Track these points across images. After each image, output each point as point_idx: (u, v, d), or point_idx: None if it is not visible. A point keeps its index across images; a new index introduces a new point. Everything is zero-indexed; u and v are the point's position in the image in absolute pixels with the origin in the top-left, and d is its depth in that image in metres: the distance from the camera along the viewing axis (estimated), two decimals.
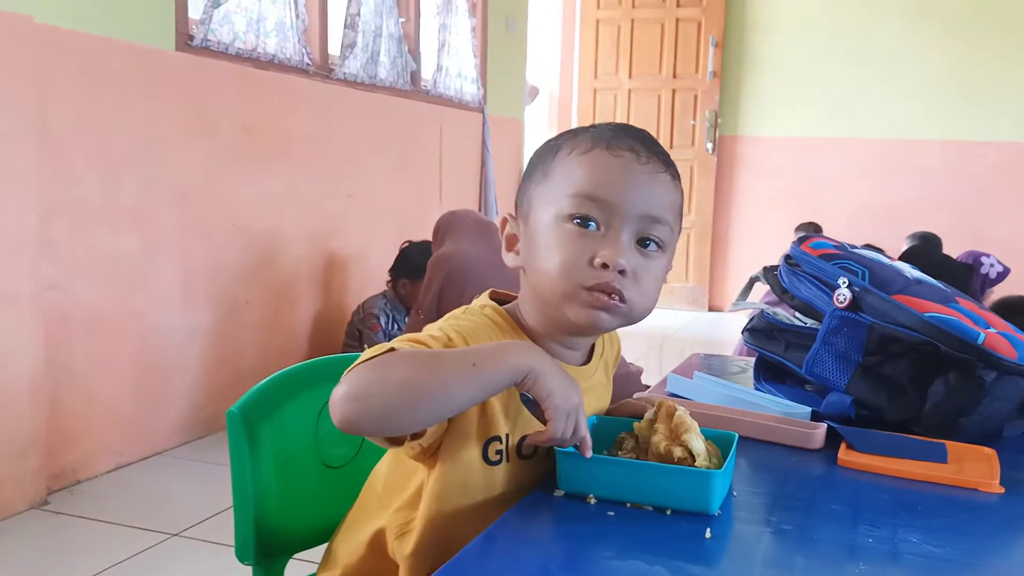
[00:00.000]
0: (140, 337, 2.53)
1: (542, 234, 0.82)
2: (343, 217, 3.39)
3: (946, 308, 1.02)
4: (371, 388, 0.71)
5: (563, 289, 0.79)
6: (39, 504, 2.18)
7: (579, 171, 0.80)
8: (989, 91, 5.06)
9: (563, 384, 0.75)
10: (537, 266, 0.82)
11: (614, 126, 0.85)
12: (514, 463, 0.83)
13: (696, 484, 0.74)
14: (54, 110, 2.20)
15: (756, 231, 5.57)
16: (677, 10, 5.56)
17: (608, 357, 0.97)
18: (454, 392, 0.72)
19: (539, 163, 0.86)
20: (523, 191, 0.87)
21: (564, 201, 0.80)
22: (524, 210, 0.86)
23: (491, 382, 0.74)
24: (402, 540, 0.84)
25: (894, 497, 0.82)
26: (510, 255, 0.87)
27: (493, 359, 0.74)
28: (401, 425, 0.74)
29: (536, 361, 0.75)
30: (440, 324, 0.83)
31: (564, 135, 0.86)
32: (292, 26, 3.08)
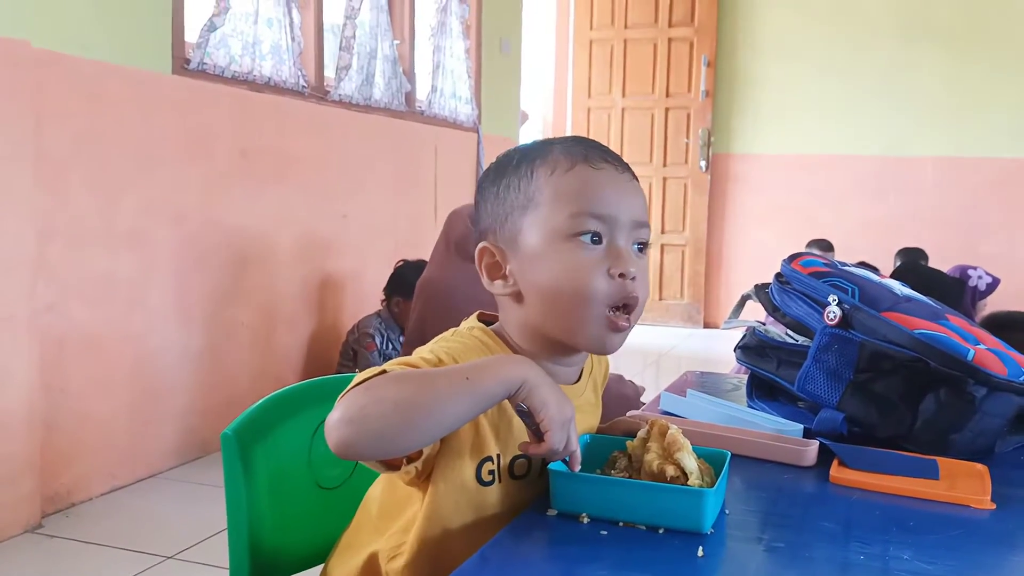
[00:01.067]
0: (135, 359, 2.52)
1: (546, 257, 0.82)
2: (338, 237, 3.40)
3: (935, 325, 1.03)
4: (366, 410, 0.71)
5: (583, 308, 0.81)
6: (33, 527, 2.17)
7: (571, 189, 0.82)
8: (981, 107, 5.11)
9: (557, 396, 0.76)
10: (546, 289, 0.82)
11: (572, 140, 0.87)
12: (506, 483, 0.84)
13: (689, 503, 0.74)
14: (51, 133, 2.22)
15: (750, 248, 5.59)
16: (669, 30, 5.62)
17: (597, 375, 0.98)
18: (449, 407, 0.73)
19: (510, 187, 0.86)
20: (498, 217, 0.86)
21: (565, 221, 0.81)
22: (508, 236, 0.85)
23: (485, 395, 0.74)
24: (394, 561, 0.84)
25: (886, 514, 0.83)
26: (497, 283, 0.86)
27: (487, 372, 0.75)
28: (399, 445, 0.74)
29: (530, 373, 0.76)
30: (430, 347, 0.84)
31: (523, 156, 0.87)
32: (288, 49, 3.10)
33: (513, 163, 0.87)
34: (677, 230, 5.73)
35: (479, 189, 0.91)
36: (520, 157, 0.87)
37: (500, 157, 0.91)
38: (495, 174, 0.88)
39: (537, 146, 0.88)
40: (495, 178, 0.88)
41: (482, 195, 0.89)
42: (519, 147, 0.90)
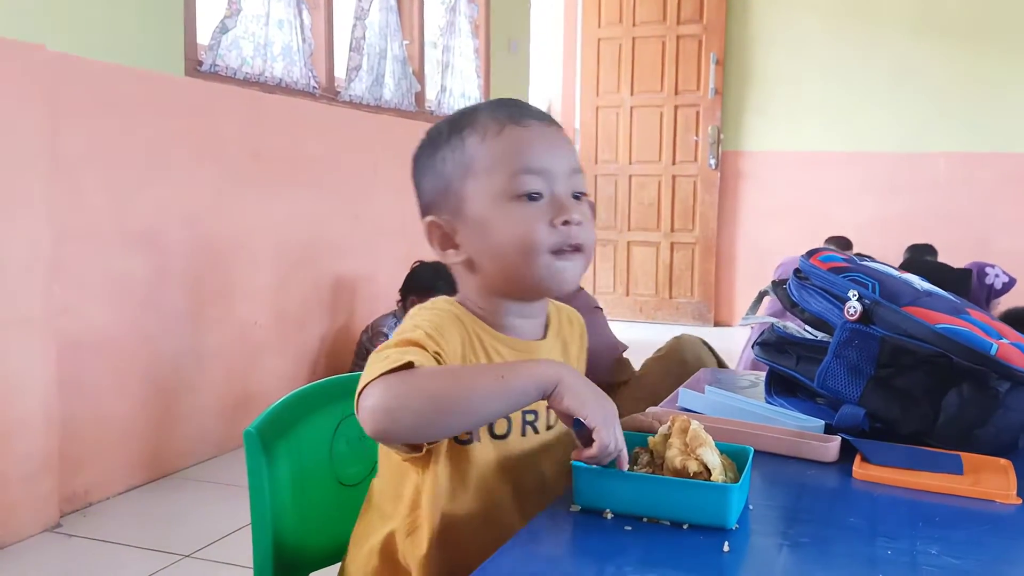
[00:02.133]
0: (150, 359, 2.54)
1: (492, 220, 0.85)
2: (350, 238, 3.40)
3: (958, 319, 1.02)
4: (405, 401, 0.74)
5: (532, 260, 0.84)
6: (52, 527, 2.18)
7: (505, 151, 0.85)
8: (993, 103, 5.07)
9: (596, 393, 0.77)
10: (496, 249, 0.86)
11: (495, 103, 0.90)
12: (487, 442, 0.86)
13: (713, 498, 0.74)
14: (65, 135, 2.23)
15: (760, 246, 5.57)
16: (678, 27, 5.61)
17: (567, 335, 0.98)
18: (484, 404, 0.76)
19: (445, 159, 0.88)
20: (439, 190, 0.88)
21: (505, 182, 0.85)
22: (453, 207, 0.88)
23: (519, 393, 0.76)
24: (413, 538, 0.85)
25: (911, 509, 0.82)
26: (450, 253, 0.89)
27: (522, 371, 0.77)
28: (432, 435, 0.78)
29: (564, 373, 0.77)
30: (412, 323, 0.85)
31: (452, 127, 0.89)
32: (299, 50, 3.11)
33: (443, 135, 0.89)
34: (687, 228, 5.72)
35: (415, 165, 0.92)
36: (449, 128, 0.89)
37: (430, 131, 0.93)
38: (429, 149, 0.90)
39: (463, 115, 0.90)
40: (430, 152, 0.90)
41: (419, 171, 0.92)
42: (445, 119, 0.92)
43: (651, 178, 5.78)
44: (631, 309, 5.83)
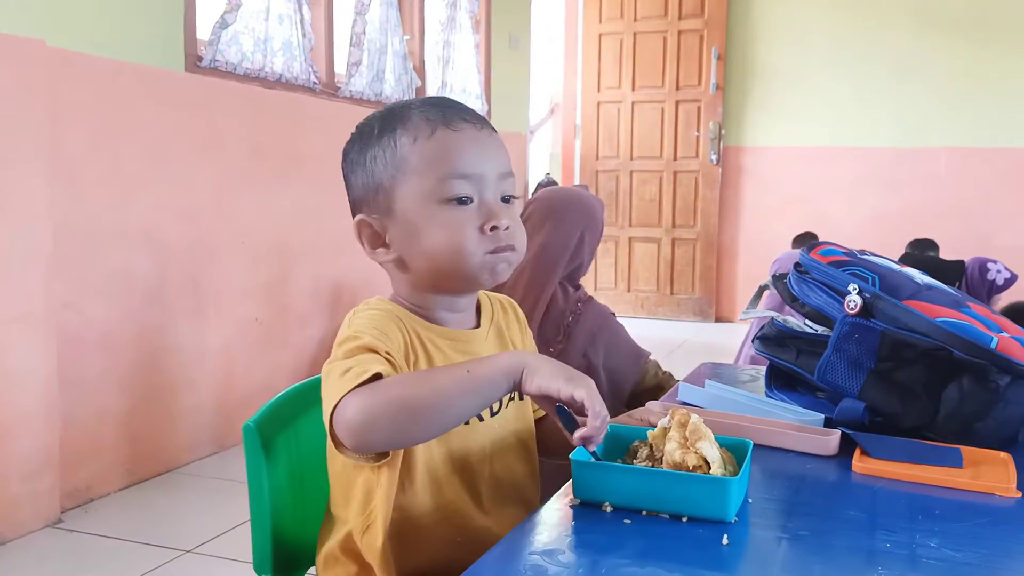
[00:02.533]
0: (151, 355, 2.54)
1: (422, 222, 0.86)
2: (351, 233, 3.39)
3: (958, 313, 1.02)
4: (380, 412, 0.74)
5: (463, 263, 0.86)
6: (53, 522, 2.19)
7: (435, 154, 0.86)
8: (995, 98, 5.06)
9: (565, 368, 0.78)
10: (426, 252, 0.86)
11: (429, 101, 0.90)
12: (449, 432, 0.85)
13: (712, 491, 0.74)
14: (66, 131, 2.23)
15: (762, 241, 5.56)
16: (679, 22, 5.59)
17: (502, 322, 0.99)
18: (458, 403, 0.76)
19: (376, 159, 0.88)
20: (369, 189, 0.89)
21: (435, 186, 0.85)
22: (383, 207, 0.88)
23: (488, 384, 0.77)
24: (368, 534, 0.86)
25: (911, 502, 0.82)
26: (380, 251, 0.90)
27: (486, 364, 0.78)
28: (410, 441, 0.79)
29: (528, 357, 0.78)
30: (355, 327, 0.85)
31: (382, 126, 0.88)
32: (299, 45, 3.11)
33: (375, 133, 0.89)
34: (688, 224, 5.71)
35: (346, 160, 0.92)
36: (380, 126, 0.89)
37: (361, 126, 0.92)
38: (359, 144, 0.90)
39: (395, 113, 0.90)
40: (360, 148, 0.90)
41: (350, 167, 0.91)
42: (376, 114, 0.92)
43: (652, 174, 5.77)
44: (632, 305, 5.83)
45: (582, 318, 1.68)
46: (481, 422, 0.90)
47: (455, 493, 0.88)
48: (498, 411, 0.92)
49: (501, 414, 0.93)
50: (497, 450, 0.92)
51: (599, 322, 1.69)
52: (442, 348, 0.89)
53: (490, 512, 0.90)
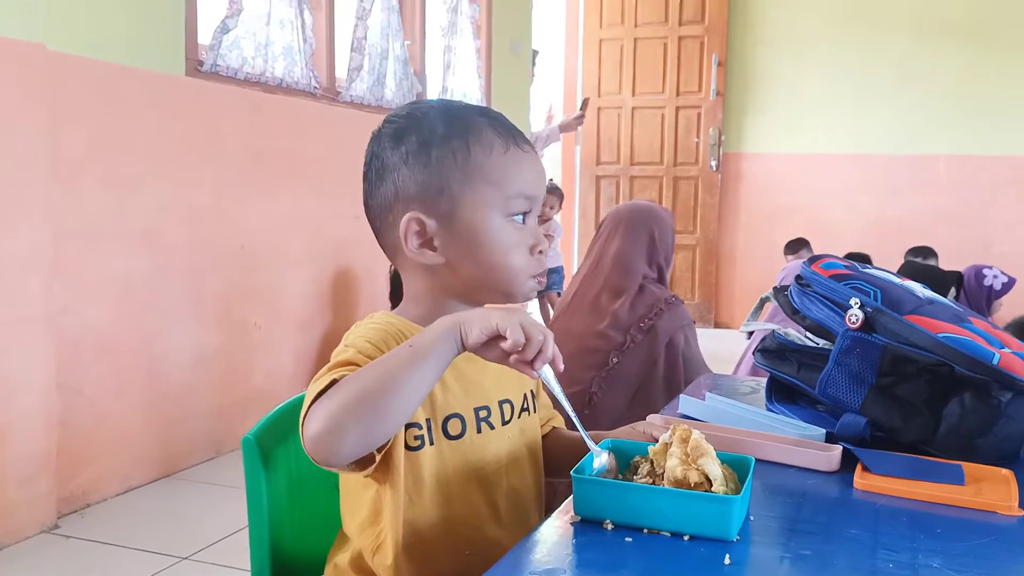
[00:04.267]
0: (150, 359, 2.53)
1: (484, 234, 0.86)
2: (351, 238, 3.40)
3: (959, 328, 1.02)
4: (336, 415, 0.73)
5: (513, 279, 0.88)
6: (49, 528, 2.18)
7: (509, 172, 0.87)
8: (994, 105, 5.07)
9: (497, 310, 0.77)
10: (482, 262, 0.87)
11: (489, 117, 0.89)
12: (440, 445, 0.86)
13: (715, 510, 0.74)
14: (66, 135, 2.23)
15: (761, 247, 5.57)
16: (679, 28, 5.60)
17: None
18: (409, 379, 0.74)
19: (444, 160, 0.85)
20: (432, 188, 0.86)
21: (505, 202, 0.87)
22: (444, 209, 0.86)
23: (434, 353, 0.76)
24: (378, 555, 0.85)
25: (912, 520, 0.82)
26: (426, 253, 0.87)
27: (425, 333, 0.77)
28: (380, 434, 0.76)
29: (462, 314, 0.78)
30: (347, 341, 0.86)
31: (449, 128, 0.86)
32: (300, 50, 3.11)
33: (440, 133, 0.86)
34: (688, 230, 5.71)
35: (394, 149, 0.87)
36: (446, 128, 0.87)
37: (408, 122, 0.88)
38: (418, 140, 0.86)
39: (459, 117, 0.88)
40: (422, 144, 0.86)
41: (401, 157, 0.86)
42: (428, 113, 0.88)
43: (652, 179, 5.78)
44: None
45: (673, 307, 1.77)
46: (492, 430, 0.90)
47: (468, 505, 0.87)
48: (509, 420, 0.92)
49: (513, 423, 0.92)
50: (512, 461, 0.92)
51: (686, 320, 1.79)
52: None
53: (507, 525, 0.89)
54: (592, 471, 0.83)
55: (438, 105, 0.91)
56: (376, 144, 0.90)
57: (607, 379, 1.70)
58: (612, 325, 1.73)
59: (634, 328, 1.72)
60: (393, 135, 0.88)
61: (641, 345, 1.71)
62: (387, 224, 0.89)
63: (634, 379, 1.71)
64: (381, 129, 0.90)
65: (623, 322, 1.74)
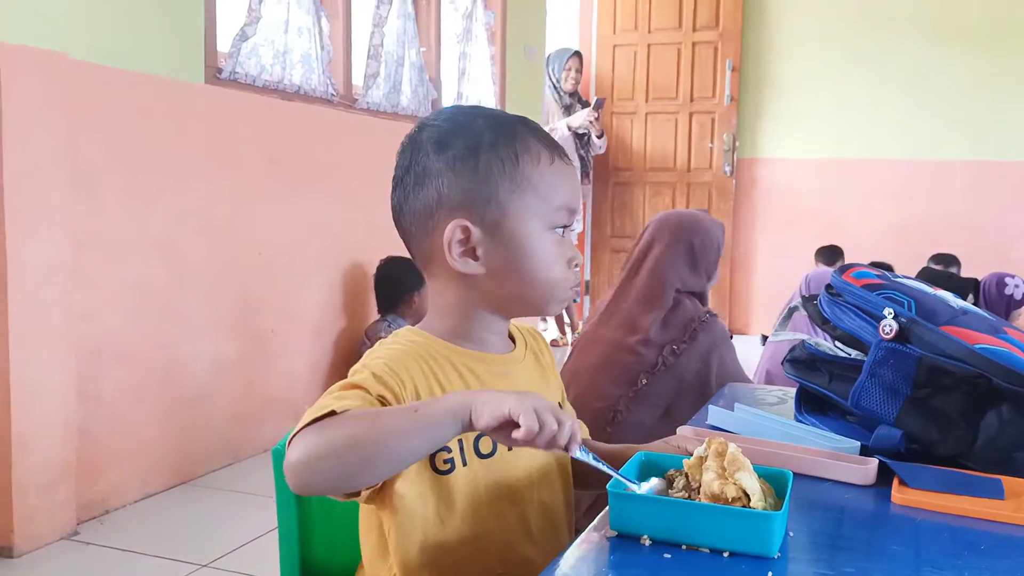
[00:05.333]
0: (168, 367, 2.54)
1: (531, 244, 0.86)
2: (367, 245, 3.40)
3: (996, 339, 1.00)
4: (320, 451, 0.72)
5: (552, 291, 0.88)
6: (69, 535, 2.18)
7: (555, 184, 0.87)
8: (1011, 110, 5.03)
9: (511, 394, 0.74)
10: (526, 274, 0.86)
11: (528, 123, 0.89)
12: (474, 465, 0.85)
13: (755, 526, 0.73)
14: (86, 143, 2.24)
15: (776, 253, 5.54)
16: (693, 34, 5.59)
17: (535, 348, 0.98)
18: (401, 443, 0.73)
19: (493, 168, 0.84)
20: (480, 196, 0.84)
21: (551, 214, 0.87)
22: (492, 218, 0.85)
23: (435, 425, 0.73)
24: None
25: (955, 536, 0.80)
26: (469, 262, 0.85)
27: (435, 404, 0.74)
28: (356, 483, 0.76)
29: (472, 394, 0.76)
30: (367, 359, 0.85)
31: (496, 136, 0.85)
32: (317, 58, 3.12)
33: (486, 141, 0.85)
34: None
35: (439, 155, 0.85)
36: (492, 136, 0.85)
37: (452, 126, 0.86)
38: (465, 147, 0.84)
39: (505, 126, 0.87)
40: (469, 150, 0.84)
41: (449, 165, 0.84)
42: (474, 119, 0.87)
43: (666, 185, 5.76)
44: None
45: (708, 327, 1.74)
46: None
47: (500, 522, 0.86)
48: None
49: None
50: (543, 475, 0.91)
51: (722, 339, 1.75)
52: (478, 372, 0.87)
53: (538, 541, 0.88)
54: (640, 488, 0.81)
55: (479, 111, 0.90)
56: (414, 149, 0.87)
57: (634, 399, 1.67)
58: (643, 342, 1.69)
59: (667, 349, 1.68)
60: (437, 140, 0.86)
61: (673, 368, 1.68)
62: (425, 231, 0.87)
63: (662, 400, 1.68)
64: (419, 134, 0.88)
65: (655, 340, 1.69)
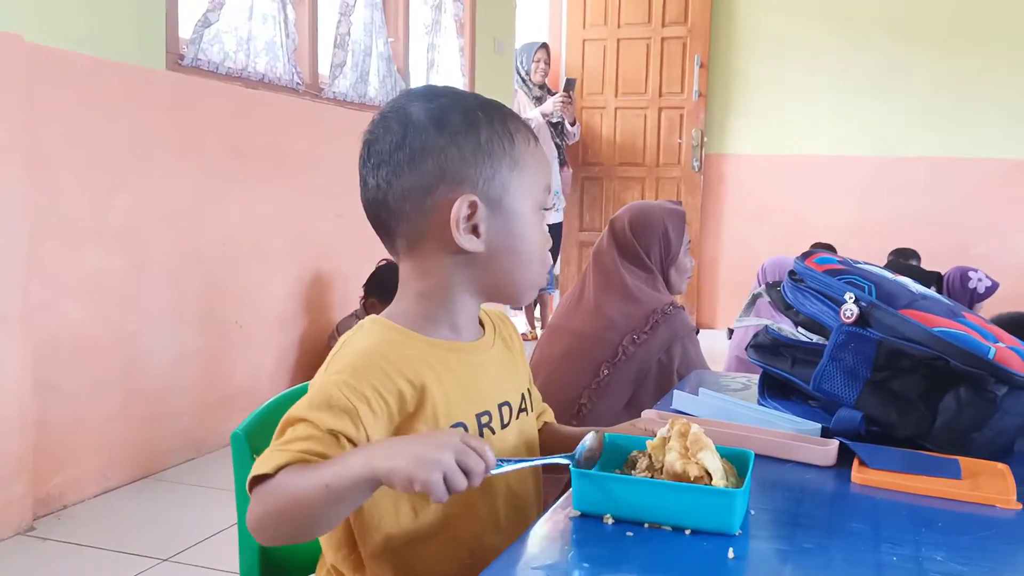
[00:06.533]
0: (128, 358, 2.49)
1: (526, 224, 0.86)
2: (333, 237, 3.37)
3: (954, 322, 1.02)
4: (265, 521, 0.75)
5: (539, 272, 0.89)
6: (25, 530, 2.13)
7: (542, 165, 0.89)
8: (973, 108, 5.13)
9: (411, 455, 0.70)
10: (519, 251, 0.86)
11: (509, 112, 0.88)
12: None
13: (717, 503, 0.73)
14: (44, 129, 2.18)
15: (743, 248, 5.59)
16: (662, 30, 5.61)
17: (504, 334, 0.97)
18: (325, 511, 0.74)
19: (495, 146, 0.83)
20: (489, 174, 0.83)
21: (541, 194, 0.89)
22: (495, 195, 0.84)
23: (349, 496, 0.73)
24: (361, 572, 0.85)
25: (912, 514, 0.81)
26: (472, 239, 0.83)
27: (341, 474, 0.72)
28: (309, 537, 0.78)
29: (373, 458, 0.72)
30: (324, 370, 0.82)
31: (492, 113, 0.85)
32: (282, 46, 3.07)
33: (481, 118, 0.84)
34: None
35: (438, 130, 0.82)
36: (488, 113, 0.85)
37: (448, 102, 0.84)
38: (465, 123, 0.83)
39: (491, 105, 0.87)
40: (468, 124, 0.83)
41: (451, 139, 0.82)
42: (462, 95, 0.87)
43: (634, 180, 5.78)
44: None
45: (669, 318, 1.72)
46: (493, 435, 0.87)
47: (470, 513, 0.86)
48: (508, 423, 0.90)
49: (512, 425, 0.91)
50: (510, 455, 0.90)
51: (684, 331, 1.73)
52: (448, 363, 0.85)
53: (507, 530, 0.87)
54: (579, 454, 0.81)
55: (460, 90, 0.90)
56: (406, 124, 0.83)
57: (597, 390, 1.66)
58: (605, 332, 1.69)
59: (627, 340, 1.68)
60: (433, 115, 0.83)
61: (633, 357, 1.67)
62: (421, 209, 0.83)
63: (625, 391, 1.68)
64: (406, 109, 0.84)
65: (618, 329, 1.69)
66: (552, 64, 5.38)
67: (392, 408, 0.80)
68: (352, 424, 0.77)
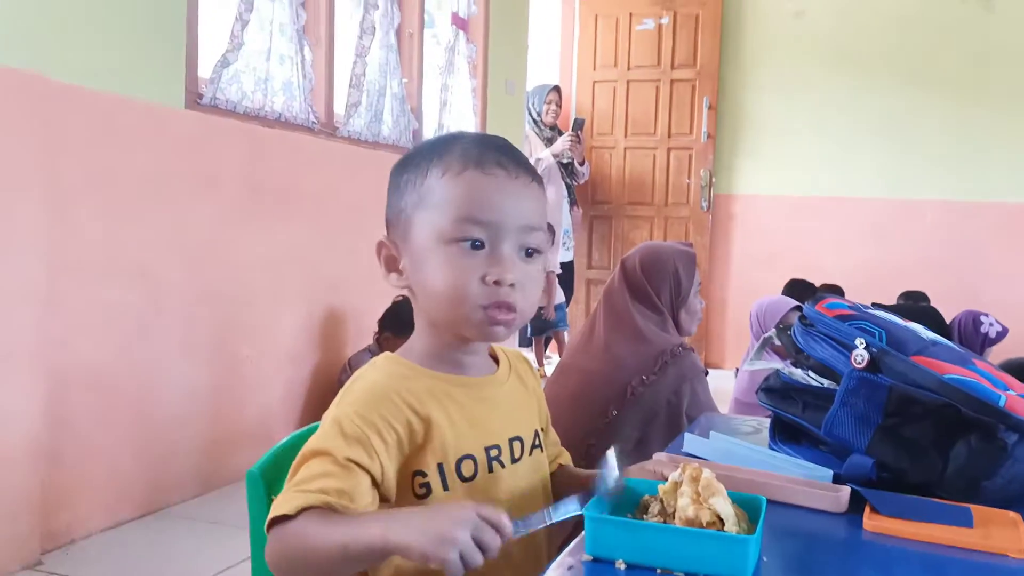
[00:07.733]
0: (140, 393, 2.50)
1: (429, 257, 0.85)
2: (346, 274, 3.39)
3: (965, 370, 1.02)
4: (283, 566, 0.78)
5: (458, 310, 0.83)
6: (32, 565, 2.12)
7: (457, 194, 0.83)
8: (983, 152, 5.15)
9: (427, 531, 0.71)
10: (428, 288, 0.86)
11: (476, 139, 0.88)
12: (456, 489, 0.85)
13: (730, 550, 0.73)
14: (62, 166, 2.22)
15: (752, 288, 5.58)
16: (672, 72, 5.69)
17: (520, 371, 0.98)
18: (341, 569, 0.76)
19: (409, 183, 0.87)
20: (396, 212, 0.89)
21: (448, 225, 0.83)
22: (401, 231, 0.88)
23: (365, 560, 0.76)
24: None
25: (924, 563, 0.81)
26: (392, 276, 0.89)
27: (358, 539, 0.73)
28: None
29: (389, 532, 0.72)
30: (337, 404, 0.84)
31: (426, 153, 0.88)
32: (299, 86, 3.13)
33: (414, 159, 0.89)
34: None
35: (390, 178, 0.92)
36: (424, 153, 0.88)
37: (412, 149, 0.93)
38: (401, 167, 0.90)
39: (441, 143, 0.89)
40: (400, 170, 0.90)
41: (391, 186, 0.91)
42: (429, 140, 0.92)
43: (643, 219, 5.82)
44: None
45: (679, 360, 1.72)
46: (503, 469, 0.88)
47: None
48: (520, 457, 0.91)
49: (524, 461, 0.91)
50: (524, 500, 0.90)
51: (692, 372, 1.74)
52: (457, 398, 0.87)
53: (518, 565, 0.88)
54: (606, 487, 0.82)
55: (445, 134, 0.94)
56: None
57: (605, 431, 1.66)
58: (616, 368, 1.70)
59: (635, 380, 1.68)
60: (393, 167, 0.92)
61: (642, 399, 1.67)
62: None
63: (634, 432, 1.67)
64: None
65: (628, 369, 1.69)
66: (563, 105, 5.45)
67: (402, 438, 0.82)
68: (366, 453, 0.79)
